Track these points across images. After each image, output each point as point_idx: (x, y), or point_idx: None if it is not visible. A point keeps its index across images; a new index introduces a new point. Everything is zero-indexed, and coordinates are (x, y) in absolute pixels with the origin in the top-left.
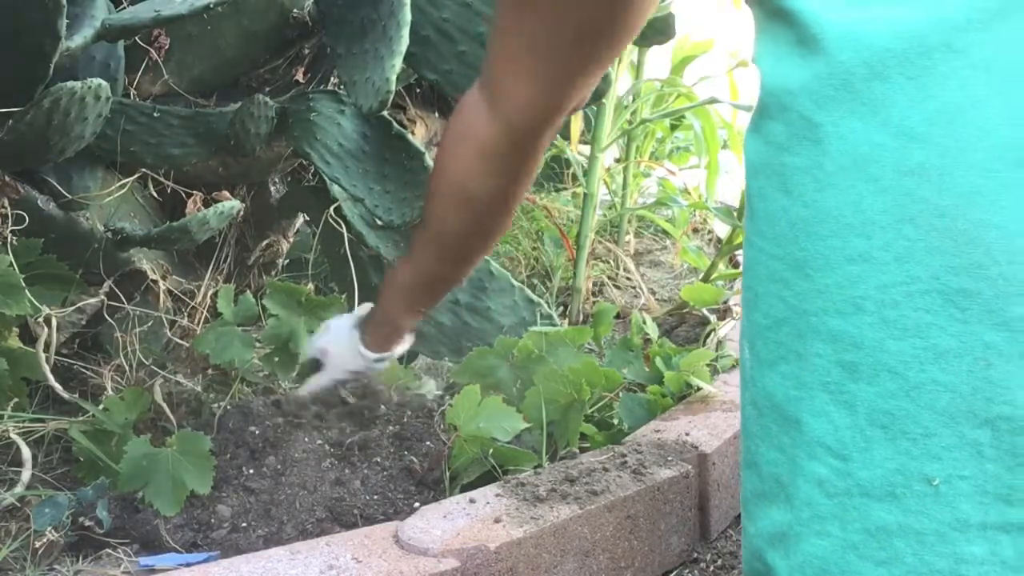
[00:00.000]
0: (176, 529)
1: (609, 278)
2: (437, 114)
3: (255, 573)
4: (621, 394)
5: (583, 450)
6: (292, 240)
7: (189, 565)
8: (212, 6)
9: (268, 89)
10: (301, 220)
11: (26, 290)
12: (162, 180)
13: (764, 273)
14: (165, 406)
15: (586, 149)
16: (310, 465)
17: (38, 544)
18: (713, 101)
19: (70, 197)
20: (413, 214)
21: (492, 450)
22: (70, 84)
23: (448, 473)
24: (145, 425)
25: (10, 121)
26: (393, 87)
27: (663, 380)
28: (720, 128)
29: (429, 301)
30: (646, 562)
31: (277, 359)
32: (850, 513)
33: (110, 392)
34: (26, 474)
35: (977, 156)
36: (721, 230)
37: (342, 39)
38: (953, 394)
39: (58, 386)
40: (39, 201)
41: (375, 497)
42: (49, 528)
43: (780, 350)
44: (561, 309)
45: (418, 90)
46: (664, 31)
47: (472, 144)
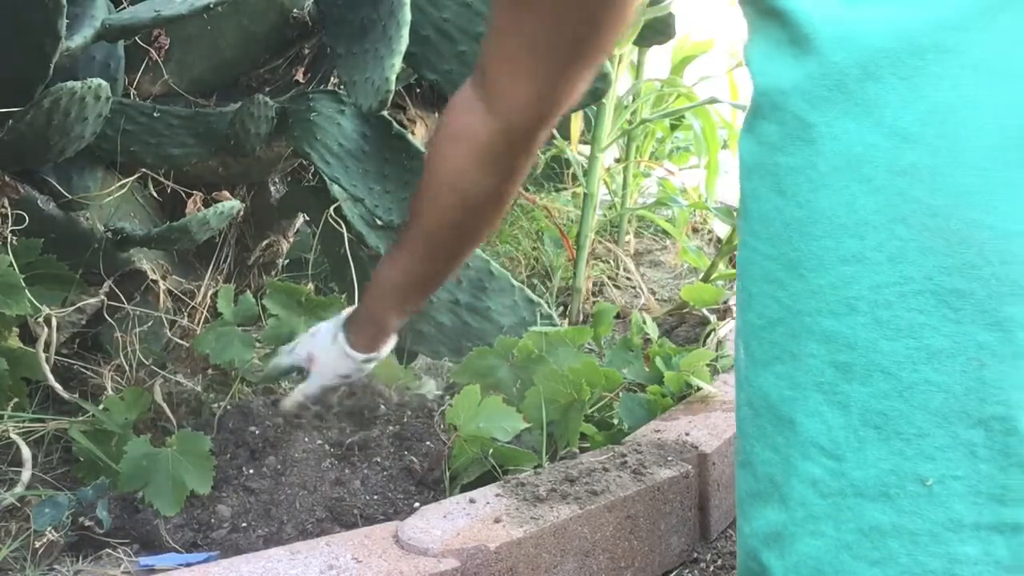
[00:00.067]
0: (176, 529)
1: (609, 278)
2: (437, 114)
3: (255, 573)
4: (621, 394)
5: (583, 450)
6: (292, 240)
7: (189, 565)
8: (212, 6)
9: (268, 89)
10: (301, 220)
11: (26, 290)
12: (162, 180)
13: (758, 273)
14: (165, 406)
15: (586, 149)
16: (310, 465)
17: (38, 544)
18: (713, 101)
19: (70, 197)
20: None
21: (492, 450)
22: (70, 84)
23: (448, 473)
24: (145, 425)
25: (10, 121)
26: (393, 87)
27: (663, 380)
28: (720, 128)
29: (418, 300)
30: (646, 562)
31: None
32: (844, 513)
33: (110, 392)
34: (26, 474)
35: (970, 156)
36: (721, 230)
37: (342, 39)
38: (946, 394)
39: (58, 386)
40: (39, 201)
41: (375, 497)
42: (49, 528)
43: (774, 350)
44: (561, 309)
45: (418, 90)
46: (664, 31)
47: (467, 144)
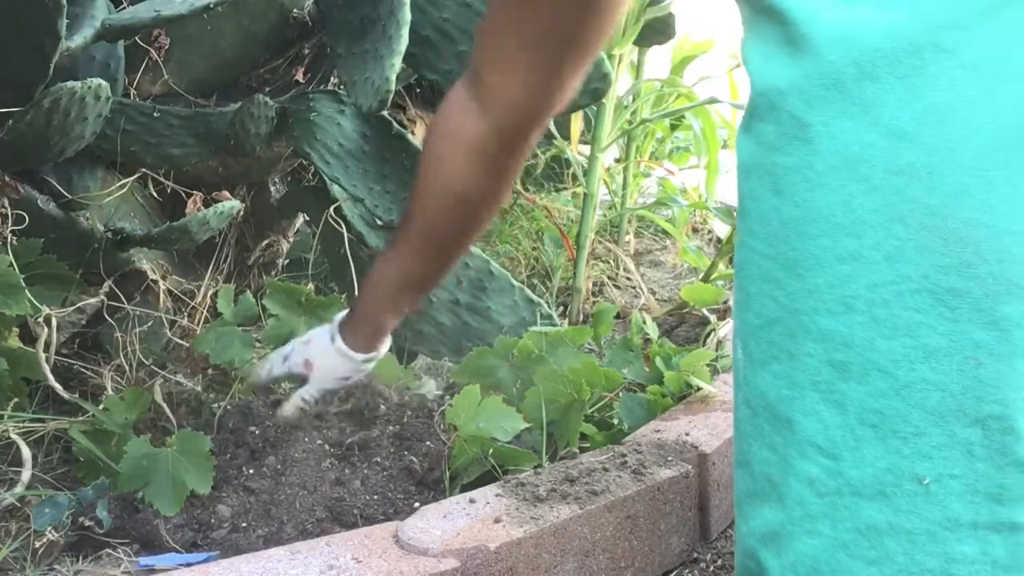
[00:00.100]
0: (176, 529)
1: (609, 278)
2: None
3: (255, 573)
4: (621, 394)
5: (583, 450)
6: (292, 240)
7: (189, 565)
8: (212, 6)
9: (268, 89)
10: (301, 220)
11: (26, 290)
12: (162, 180)
13: (756, 273)
14: (165, 406)
15: (586, 149)
16: (310, 465)
17: (38, 544)
18: (713, 101)
19: (70, 197)
20: None
21: (492, 450)
22: (70, 84)
23: (448, 473)
24: (145, 425)
25: (10, 121)
26: (393, 87)
27: (663, 380)
28: (720, 128)
29: (414, 299)
30: (646, 562)
31: None
32: (841, 512)
33: (110, 392)
34: (26, 474)
35: (966, 155)
36: (721, 230)
37: (342, 39)
38: (943, 393)
39: (58, 386)
40: (39, 201)
41: (375, 497)
42: (49, 528)
43: (772, 350)
44: (561, 309)
45: (418, 90)
46: (664, 31)
47: (460, 143)
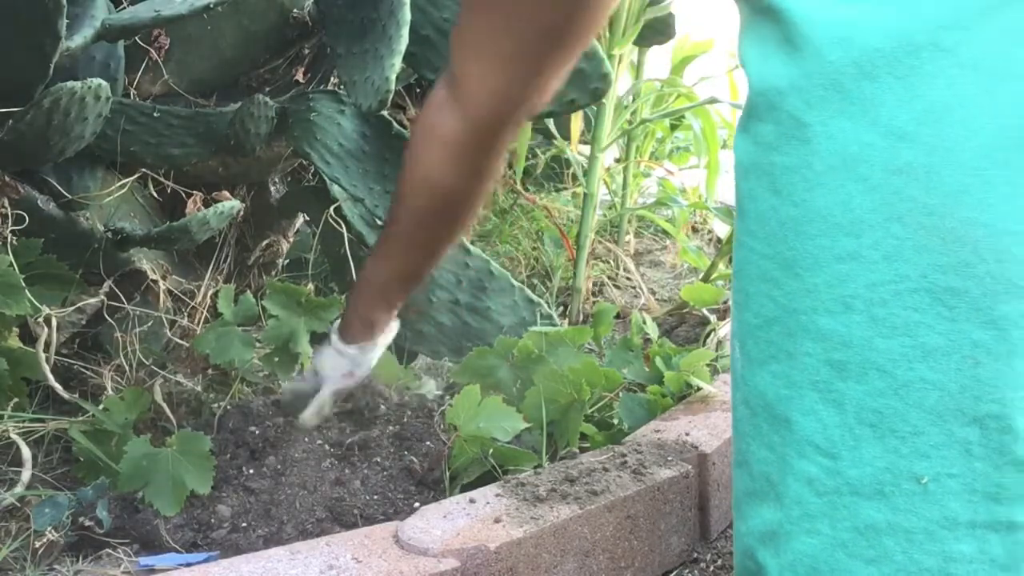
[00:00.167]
0: (176, 529)
1: (609, 278)
2: None
3: (255, 573)
4: (621, 394)
5: (583, 450)
6: (292, 240)
7: (189, 565)
8: (212, 6)
9: (268, 89)
10: (301, 220)
11: (26, 290)
12: (162, 180)
13: (754, 273)
14: (165, 406)
15: (586, 149)
16: (310, 465)
17: (38, 544)
18: (713, 101)
19: (70, 197)
20: None
21: (492, 450)
22: (70, 84)
23: (448, 473)
24: (145, 425)
25: (10, 121)
26: (393, 86)
27: (663, 380)
28: (720, 128)
29: (402, 295)
30: (646, 562)
31: (277, 359)
32: (839, 511)
33: (110, 392)
34: (26, 474)
35: (965, 155)
36: (721, 230)
37: (342, 39)
38: (941, 392)
39: (58, 386)
40: (39, 201)
41: (375, 497)
42: (49, 528)
43: (771, 349)
44: (561, 309)
45: (418, 90)
46: (664, 31)
47: (438, 141)
